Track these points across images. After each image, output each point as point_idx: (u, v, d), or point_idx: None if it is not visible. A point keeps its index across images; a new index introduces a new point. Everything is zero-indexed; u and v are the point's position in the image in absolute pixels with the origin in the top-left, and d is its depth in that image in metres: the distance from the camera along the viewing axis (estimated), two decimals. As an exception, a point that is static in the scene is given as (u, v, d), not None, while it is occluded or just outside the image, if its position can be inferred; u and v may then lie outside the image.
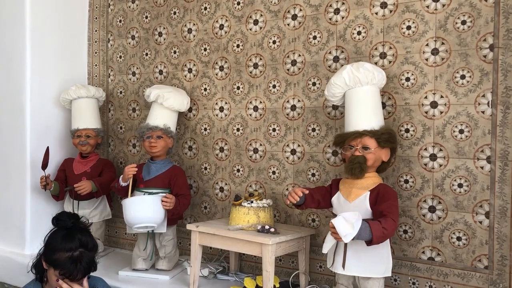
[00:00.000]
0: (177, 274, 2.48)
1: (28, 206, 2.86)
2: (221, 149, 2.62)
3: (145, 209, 2.30)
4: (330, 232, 1.78)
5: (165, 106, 2.52)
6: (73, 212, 2.10)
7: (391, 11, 2.12)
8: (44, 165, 2.65)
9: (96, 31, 3.11)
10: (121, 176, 2.47)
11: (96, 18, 3.11)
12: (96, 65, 3.12)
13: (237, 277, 2.41)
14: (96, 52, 3.12)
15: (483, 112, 1.93)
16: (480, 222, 1.94)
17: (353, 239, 1.74)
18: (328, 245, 1.86)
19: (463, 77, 1.97)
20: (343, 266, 1.88)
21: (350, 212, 1.78)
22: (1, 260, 2.84)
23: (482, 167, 1.94)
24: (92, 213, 2.81)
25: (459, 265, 1.99)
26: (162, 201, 2.33)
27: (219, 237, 2.17)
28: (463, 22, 1.96)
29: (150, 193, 2.42)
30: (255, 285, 2.15)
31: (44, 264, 1.96)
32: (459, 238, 1.99)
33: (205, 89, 2.67)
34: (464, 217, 1.97)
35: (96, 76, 3.12)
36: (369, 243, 1.77)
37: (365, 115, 1.95)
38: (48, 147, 2.71)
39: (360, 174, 1.91)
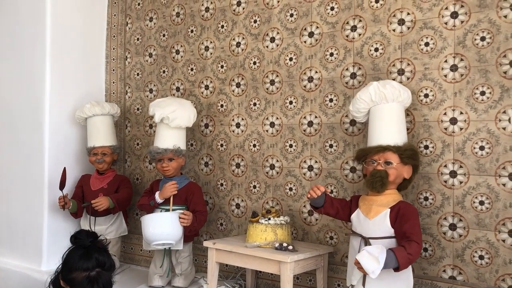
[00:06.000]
0: (193, 291, 2.47)
1: (45, 222, 2.88)
2: (238, 165, 2.62)
3: (164, 226, 2.30)
4: (357, 267, 1.78)
5: (172, 126, 2.47)
6: (92, 231, 2.10)
7: (408, 28, 2.12)
8: (62, 186, 2.67)
9: (114, 49, 3.16)
10: (157, 193, 2.46)
11: (114, 36, 3.16)
12: (113, 83, 3.16)
13: (254, 295, 2.39)
14: (113, 70, 3.16)
15: (504, 128, 1.91)
16: (503, 241, 1.91)
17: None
18: (356, 277, 1.88)
19: (483, 93, 1.95)
20: (364, 284, 1.86)
21: (373, 246, 1.77)
22: (18, 276, 2.85)
23: (504, 184, 1.91)
24: (108, 229, 2.81)
25: (482, 285, 1.95)
26: (180, 218, 2.33)
27: (237, 254, 2.15)
28: (482, 38, 1.95)
29: (167, 210, 2.42)
30: (273, 303, 2.13)
31: (62, 282, 1.96)
32: (481, 257, 1.95)
33: (222, 106, 2.68)
34: (486, 235, 1.94)
35: (113, 93, 3.16)
36: (396, 269, 1.76)
37: (389, 130, 1.95)
38: (64, 168, 2.72)
39: (381, 188, 1.90)
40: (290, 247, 2.08)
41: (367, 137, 2.04)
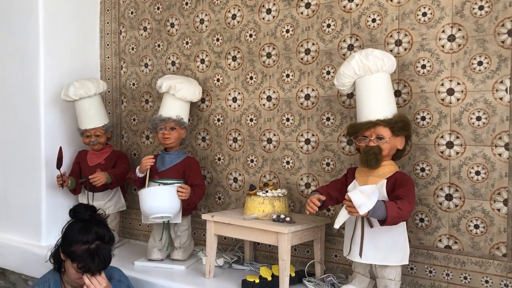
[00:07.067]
0: (192, 264, 2.50)
1: (43, 198, 2.89)
2: (235, 140, 2.62)
3: (161, 199, 2.31)
4: (345, 206, 1.77)
5: (177, 97, 2.51)
6: (90, 205, 2.12)
7: (406, -2, 2.09)
8: (59, 165, 2.67)
9: (108, 23, 3.12)
10: (138, 167, 2.48)
11: (108, 10, 3.12)
12: (108, 57, 3.13)
13: (252, 267, 2.42)
14: (108, 44, 3.13)
15: (501, 98, 1.91)
16: (498, 210, 1.93)
17: (368, 216, 1.73)
18: (340, 220, 1.80)
19: (480, 63, 1.95)
20: (360, 254, 1.88)
21: (367, 186, 1.77)
22: (18, 251, 2.88)
23: (500, 154, 1.92)
24: (107, 204, 2.82)
25: (477, 253, 1.98)
26: (178, 191, 2.34)
27: (235, 226, 2.17)
28: (481, 8, 1.93)
29: (165, 184, 2.43)
30: (271, 274, 2.16)
31: (62, 255, 1.98)
32: (476, 226, 1.97)
33: (218, 80, 2.67)
34: (482, 205, 1.96)
35: (108, 68, 3.13)
36: (383, 222, 1.76)
37: (377, 103, 1.92)
38: (60, 147, 2.71)
39: (375, 165, 1.90)
40: (288, 219, 2.10)
41: (356, 111, 2.03)
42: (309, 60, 2.36)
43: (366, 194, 1.70)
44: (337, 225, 1.81)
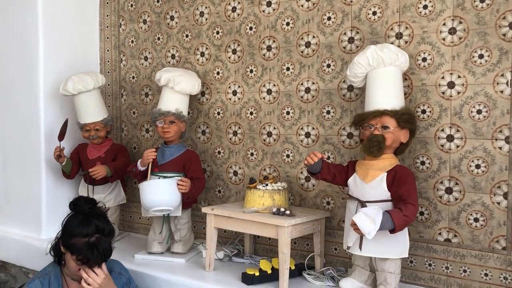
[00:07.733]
0: (192, 257, 2.50)
1: (43, 190, 2.89)
2: (235, 133, 2.62)
3: (162, 193, 2.31)
4: (353, 229, 1.80)
5: (176, 90, 2.50)
6: (90, 197, 2.12)
7: (407, -10, 2.08)
8: (61, 136, 2.66)
9: (107, 16, 3.11)
10: (139, 160, 2.47)
11: (107, 3, 3.10)
12: (108, 50, 3.12)
13: (252, 260, 2.42)
14: (108, 37, 3.12)
15: (501, 91, 1.90)
16: (498, 203, 1.93)
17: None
18: (351, 239, 1.90)
19: (481, 56, 1.94)
20: (360, 247, 1.88)
21: (370, 207, 1.79)
22: (19, 244, 2.89)
23: (500, 148, 1.91)
24: (107, 197, 2.82)
25: (476, 247, 1.98)
26: (178, 184, 2.34)
27: (235, 219, 2.17)
28: (482, 0, 1.92)
29: (165, 177, 2.43)
30: (271, 267, 2.16)
31: (62, 248, 1.99)
32: (476, 219, 1.97)
33: (218, 73, 2.66)
34: (482, 198, 1.96)
35: (108, 61, 3.12)
36: (392, 231, 1.79)
37: (386, 95, 1.94)
38: (67, 119, 2.71)
39: (378, 153, 1.90)
40: (288, 212, 2.10)
41: (364, 102, 2.04)
42: (309, 53, 2.35)
43: (371, 218, 1.73)
44: (350, 243, 1.92)
